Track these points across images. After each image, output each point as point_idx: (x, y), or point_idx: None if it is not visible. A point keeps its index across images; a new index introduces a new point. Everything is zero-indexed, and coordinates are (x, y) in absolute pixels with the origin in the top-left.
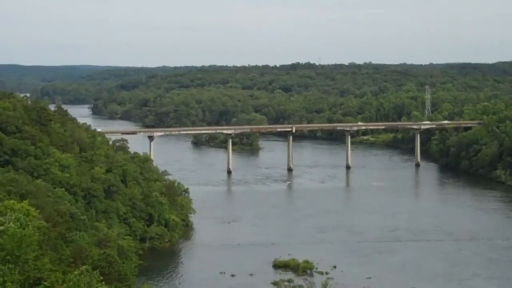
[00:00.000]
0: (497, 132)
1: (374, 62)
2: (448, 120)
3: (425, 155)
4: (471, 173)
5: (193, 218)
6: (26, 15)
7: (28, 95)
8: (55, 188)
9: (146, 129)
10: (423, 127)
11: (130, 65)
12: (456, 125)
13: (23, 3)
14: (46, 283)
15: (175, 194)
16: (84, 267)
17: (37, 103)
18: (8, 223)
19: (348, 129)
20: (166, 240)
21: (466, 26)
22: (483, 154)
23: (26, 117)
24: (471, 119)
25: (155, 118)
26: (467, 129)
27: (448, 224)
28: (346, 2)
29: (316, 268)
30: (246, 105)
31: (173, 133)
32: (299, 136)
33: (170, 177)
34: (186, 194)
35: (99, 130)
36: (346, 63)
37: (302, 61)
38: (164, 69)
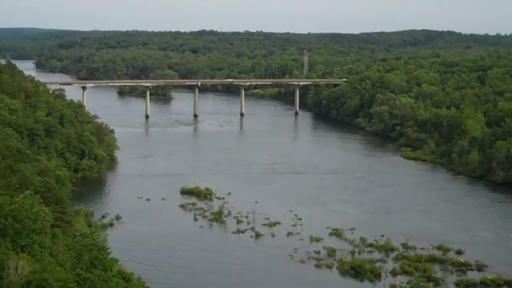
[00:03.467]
0: (359, 88)
1: (264, 31)
2: (321, 78)
3: (303, 106)
4: (338, 120)
5: (117, 154)
6: None
7: None
8: (4, 127)
9: (80, 81)
10: (301, 83)
11: (68, 29)
12: (327, 82)
13: None
14: None
15: (103, 134)
16: (27, 192)
17: None
18: None
19: (242, 84)
20: (95, 171)
21: (337, 2)
22: (348, 105)
23: None
24: (339, 78)
25: (87, 72)
26: (336, 85)
27: (316, 160)
28: None
29: (215, 194)
30: (161, 63)
31: (102, 84)
32: (204, 89)
33: (99, 120)
34: (112, 134)
35: (41, 81)
36: (242, 31)
37: (207, 28)
38: (95, 32)
